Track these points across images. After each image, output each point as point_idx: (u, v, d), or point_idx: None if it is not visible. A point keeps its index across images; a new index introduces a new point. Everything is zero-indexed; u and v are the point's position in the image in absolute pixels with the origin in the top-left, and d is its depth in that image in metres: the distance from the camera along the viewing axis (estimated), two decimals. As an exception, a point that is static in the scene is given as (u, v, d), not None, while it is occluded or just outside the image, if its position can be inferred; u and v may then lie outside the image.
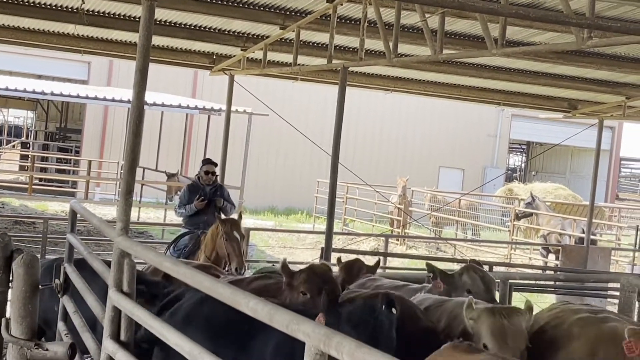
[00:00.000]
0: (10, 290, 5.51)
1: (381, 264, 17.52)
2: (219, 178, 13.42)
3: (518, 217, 25.82)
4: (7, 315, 5.36)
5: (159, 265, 5.28)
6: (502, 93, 17.52)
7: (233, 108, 17.08)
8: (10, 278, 5.59)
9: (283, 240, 25.49)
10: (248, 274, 11.25)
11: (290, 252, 23.53)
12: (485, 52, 9.85)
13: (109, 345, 5.45)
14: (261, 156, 34.93)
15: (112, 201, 28.36)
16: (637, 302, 8.97)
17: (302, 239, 25.68)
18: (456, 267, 21.63)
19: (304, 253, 22.69)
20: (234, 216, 12.22)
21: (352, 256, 21.27)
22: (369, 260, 20.99)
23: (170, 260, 5.21)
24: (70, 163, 35.69)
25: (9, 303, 5.52)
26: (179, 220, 13.62)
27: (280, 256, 22.76)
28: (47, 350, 5.24)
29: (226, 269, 10.89)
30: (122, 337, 5.46)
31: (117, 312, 5.48)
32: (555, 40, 11.53)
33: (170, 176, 26.42)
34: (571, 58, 13.07)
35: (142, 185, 26.18)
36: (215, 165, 12.79)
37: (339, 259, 8.96)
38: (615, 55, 13.16)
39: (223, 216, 11.60)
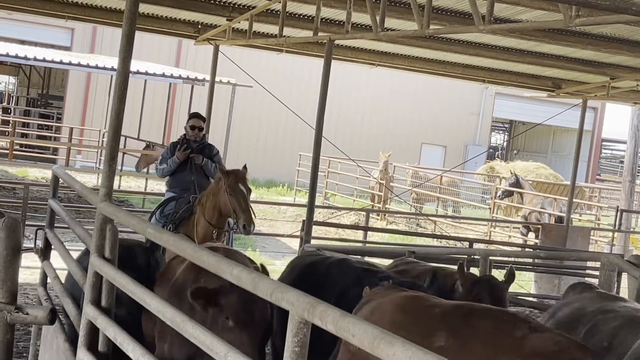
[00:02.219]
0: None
1: (361, 238, 17.60)
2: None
3: (502, 196, 25.84)
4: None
5: (142, 231, 5.26)
6: (487, 70, 17.51)
7: (217, 79, 17.00)
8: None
9: (264, 213, 25.47)
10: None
11: (270, 224, 23.55)
12: (472, 28, 9.82)
13: (89, 310, 5.43)
14: (243, 128, 34.85)
15: (92, 169, 28.25)
16: (616, 281, 9.05)
17: (282, 211, 25.69)
18: (435, 243, 21.76)
19: (284, 226, 22.71)
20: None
21: (332, 230, 21.31)
22: (349, 234, 21.05)
23: (154, 227, 5.19)
24: (51, 130, 35.49)
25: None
26: (162, 189, 13.23)
27: (261, 228, 22.83)
28: (27, 314, 5.21)
29: (232, 228, 9.98)
30: (103, 302, 5.44)
31: (98, 278, 5.47)
32: (542, 18, 11.51)
33: (147, 147, 26.21)
34: (557, 37, 13.06)
35: (124, 153, 26.06)
36: (204, 120, 11.43)
37: (460, 265, 7.08)
38: (601, 35, 13.15)
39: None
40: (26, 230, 12.24)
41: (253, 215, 9.70)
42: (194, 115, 11.39)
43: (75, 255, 6.86)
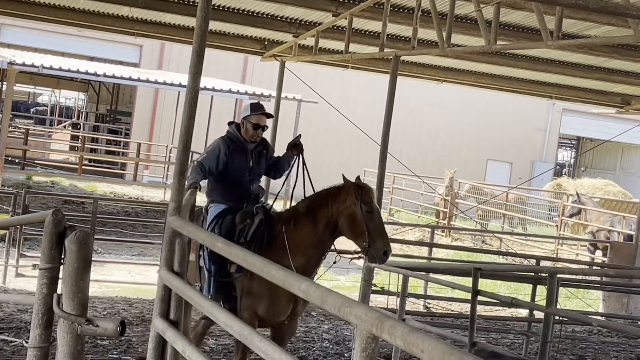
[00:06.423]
0: (61, 267, 5.55)
1: (426, 255, 17.51)
2: None
3: (570, 214, 25.43)
4: (59, 291, 5.41)
5: (211, 245, 5.31)
6: (555, 86, 17.36)
7: (283, 94, 17.07)
8: (62, 255, 5.63)
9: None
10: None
11: (336, 240, 23.53)
12: (540, 44, 9.75)
13: (158, 323, 5.50)
14: (308, 143, 34.64)
15: (160, 184, 28.57)
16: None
17: (347, 227, 25.60)
18: (501, 260, 21.54)
19: (349, 241, 22.66)
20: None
21: (397, 246, 21.17)
22: (414, 251, 20.99)
23: (223, 241, 5.23)
24: (119, 145, 36.01)
25: (60, 279, 5.57)
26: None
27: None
28: (97, 326, 5.28)
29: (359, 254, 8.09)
30: (172, 316, 5.50)
31: (167, 291, 5.53)
32: (611, 34, 11.39)
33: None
34: (626, 52, 12.90)
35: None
36: (270, 116, 8.71)
37: None
38: (671, 50, 12.98)
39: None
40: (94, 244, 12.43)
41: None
42: (260, 110, 8.53)
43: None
